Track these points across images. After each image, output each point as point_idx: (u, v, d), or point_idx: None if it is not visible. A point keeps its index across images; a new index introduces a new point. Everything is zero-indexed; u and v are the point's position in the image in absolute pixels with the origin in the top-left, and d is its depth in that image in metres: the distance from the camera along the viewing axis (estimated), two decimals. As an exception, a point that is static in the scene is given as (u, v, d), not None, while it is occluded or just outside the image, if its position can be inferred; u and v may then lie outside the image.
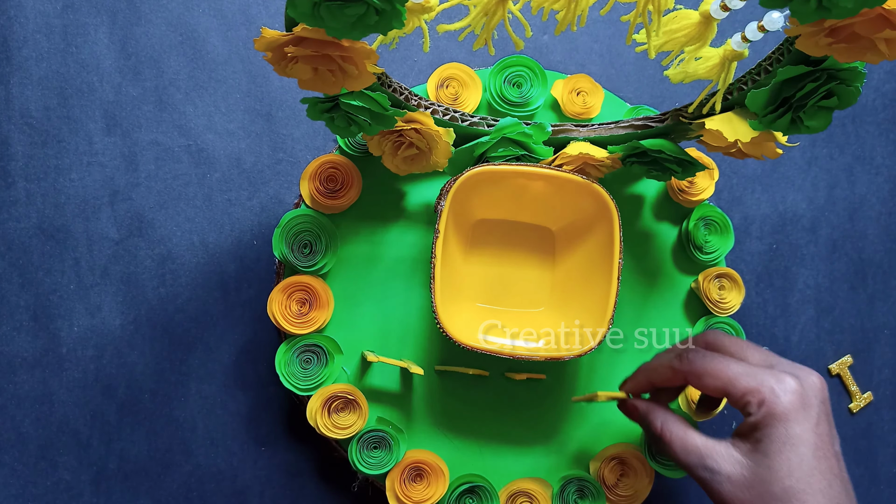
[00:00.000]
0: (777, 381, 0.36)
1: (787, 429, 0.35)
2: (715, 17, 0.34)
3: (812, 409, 0.36)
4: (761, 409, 0.36)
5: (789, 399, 0.35)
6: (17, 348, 0.46)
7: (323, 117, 0.38)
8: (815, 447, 0.35)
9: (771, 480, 0.35)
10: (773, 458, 0.35)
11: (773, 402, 0.35)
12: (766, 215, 0.52)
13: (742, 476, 0.36)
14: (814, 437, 0.35)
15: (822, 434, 0.36)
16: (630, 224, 0.48)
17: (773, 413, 0.35)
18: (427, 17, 0.33)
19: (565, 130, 0.44)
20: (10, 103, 0.46)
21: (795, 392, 0.36)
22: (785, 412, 0.35)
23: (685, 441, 0.38)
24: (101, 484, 0.46)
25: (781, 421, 0.35)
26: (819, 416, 0.36)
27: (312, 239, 0.44)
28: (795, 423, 0.35)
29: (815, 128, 0.35)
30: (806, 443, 0.35)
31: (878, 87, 0.54)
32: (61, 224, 0.46)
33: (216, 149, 0.47)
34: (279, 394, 0.47)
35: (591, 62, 0.51)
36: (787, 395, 0.35)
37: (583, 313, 0.44)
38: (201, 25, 0.47)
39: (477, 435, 0.46)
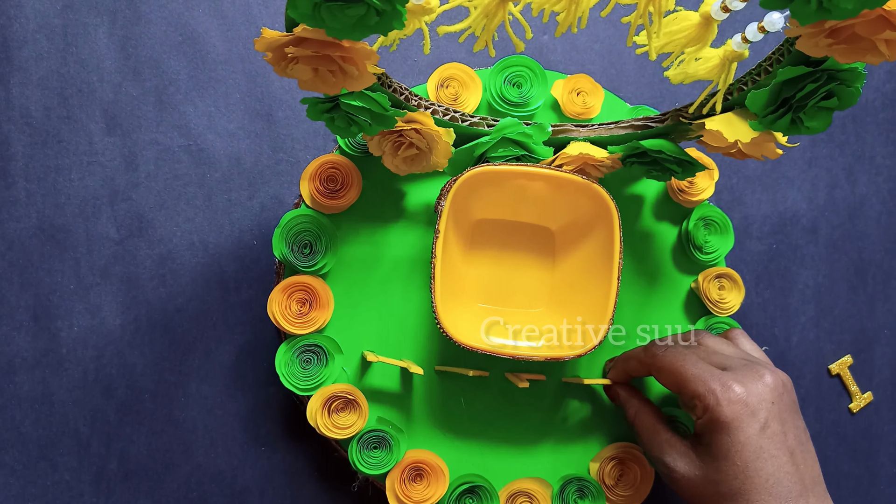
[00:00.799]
0: (723, 388, 0.37)
1: (729, 436, 0.37)
2: (715, 18, 0.34)
3: (759, 414, 0.37)
4: (706, 415, 0.37)
5: (732, 409, 0.37)
6: (17, 348, 0.46)
7: (323, 117, 0.38)
8: (760, 449, 0.36)
9: (719, 481, 0.37)
10: (720, 462, 0.37)
11: (715, 411, 0.37)
12: (766, 215, 0.52)
13: (694, 475, 0.38)
14: (759, 441, 0.36)
15: (773, 434, 0.37)
16: (630, 224, 0.48)
17: (716, 420, 0.37)
18: (427, 18, 0.33)
19: (565, 130, 0.44)
20: (10, 103, 0.46)
21: (739, 401, 0.37)
22: (726, 421, 0.37)
23: (651, 434, 0.41)
24: (101, 484, 0.46)
25: (724, 429, 0.37)
26: (767, 420, 0.37)
27: (312, 239, 0.44)
28: (738, 431, 0.37)
29: (815, 128, 0.35)
30: (750, 448, 0.36)
31: (878, 87, 0.54)
32: (61, 224, 0.46)
33: (216, 149, 0.47)
34: (279, 394, 0.47)
35: (591, 62, 0.51)
36: (731, 405, 0.37)
37: (583, 313, 0.44)
38: (201, 25, 0.47)
39: (477, 435, 0.46)
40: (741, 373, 0.38)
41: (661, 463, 0.40)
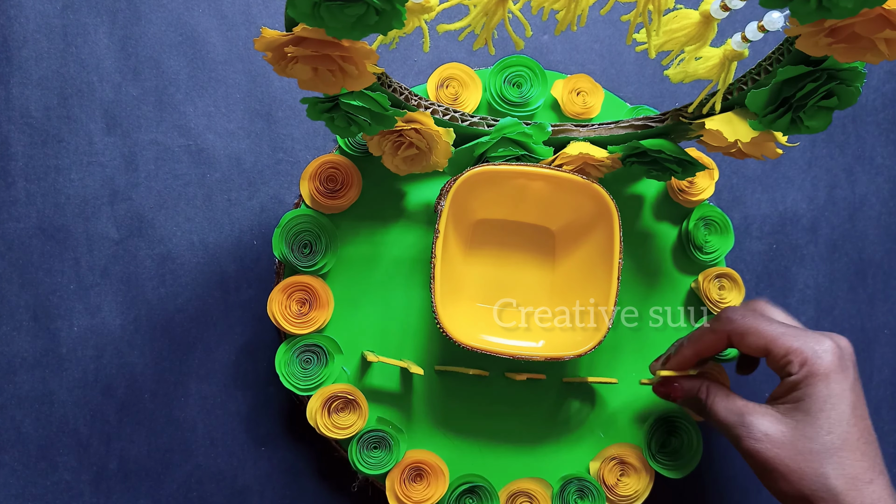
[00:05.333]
0: (817, 342, 0.37)
1: (828, 388, 0.36)
2: (715, 16, 0.34)
3: (849, 370, 0.37)
4: (803, 369, 0.37)
5: (829, 359, 0.37)
6: (17, 348, 0.46)
7: (323, 117, 0.38)
8: (854, 405, 0.37)
9: (812, 437, 0.36)
10: (814, 416, 0.36)
11: (814, 362, 0.37)
12: (766, 215, 0.52)
13: (781, 433, 0.37)
14: (852, 396, 0.37)
15: (859, 394, 0.37)
16: (630, 224, 0.48)
17: (815, 373, 0.37)
18: (427, 17, 0.33)
19: (565, 130, 0.44)
20: (10, 103, 0.46)
21: (834, 353, 0.37)
22: (826, 372, 0.37)
23: (727, 403, 0.40)
24: (101, 484, 0.46)
25: (823, 380, 0.36)
26: (855, 379, 0.37)
27: (312, 239, 0.44)
28: (835, 383, 0.36)
29: (815, 128, 0.35)
30: (845, 401, 0.36)
31: (878, 87, 0.54)
32: (61, 224, 0.46)
33: (216, 149, 0.47)
34: (279, 394, 0.47)
35: (591, 62, 0.51)
36: (828, 356, 0.37)
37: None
38: (201, 25, 0.47)
39: (477, 435, 0.46)
40: (823, 333, 0.38)
41: (743, 426, 0.38)
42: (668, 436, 0.46)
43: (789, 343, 0.38)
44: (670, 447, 0.46)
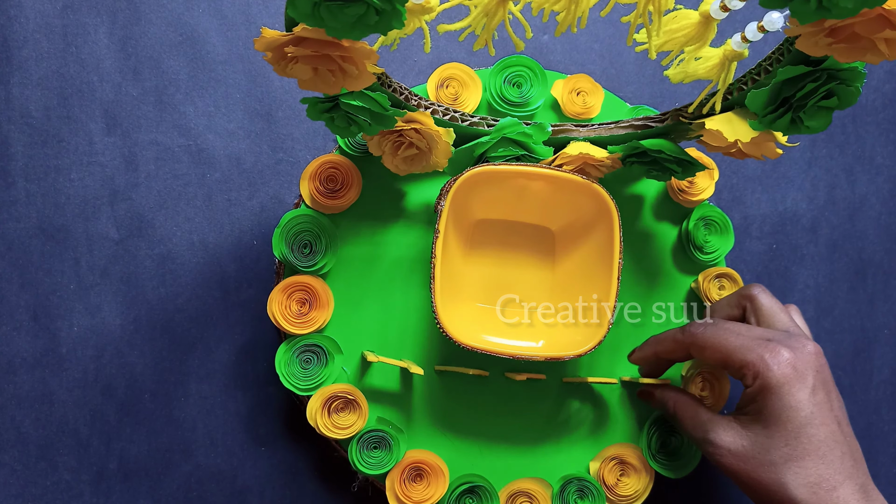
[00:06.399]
0: (771, 353, 0.37)
1: (780, 400, 0.37)
2: (715, 17, 0.34)
3: (807, 379, 0.37)
4: (756, 382, 0.37)
5: (782, 371, 0.37)
6: (17, 348, 0.46)
7: (323, 117, 0.38)
8: (811, 415, 0.37)
9: (769, 448, 0.37)
10: (772, 428, 0.37)
11: (766, 375, 0.37)
12: (766, 215, 0.52)
13: (742, 447, 0.38)
14: (809, 406, 0.37)
15: (819, 402, 0.37)
16: (630, 224, 0.48)
17: (767, 385, 0.37)
18: (427, 17, 0.33)
19: (565, 130, 0.44)
20: (10, 103, 0.46)
21: (788, 364, 0.37)
22: (778, 384, 0.37)
23: (693, 416, 0.41)
24: (101, 484, 0.46)
25: (775, 392, 0.37)
26: (815, 386, 0.37)
27: (312, 239, 0.44)
28: (789, 395, 0.37)
29: (815, 128, 0.35)
30: (801, 412, 0.37)
31: (878, 87, 0.54)
32: (61, 224, 0.46)
33: (216, 149, 0.47)
34: (279, 394, 0.47)
35: (591, 62, 0.51)
36: (779, 368, 0.37)
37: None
38: (201, 25, 0.47)
39: (477, 435, 0.46)
40: (785, 340, 0.38)
41: (706, 442, 0.39)
42: (667, 436, 0.46)
43: (743, 356, 0.38)
44: (670, 447, 0.46)
